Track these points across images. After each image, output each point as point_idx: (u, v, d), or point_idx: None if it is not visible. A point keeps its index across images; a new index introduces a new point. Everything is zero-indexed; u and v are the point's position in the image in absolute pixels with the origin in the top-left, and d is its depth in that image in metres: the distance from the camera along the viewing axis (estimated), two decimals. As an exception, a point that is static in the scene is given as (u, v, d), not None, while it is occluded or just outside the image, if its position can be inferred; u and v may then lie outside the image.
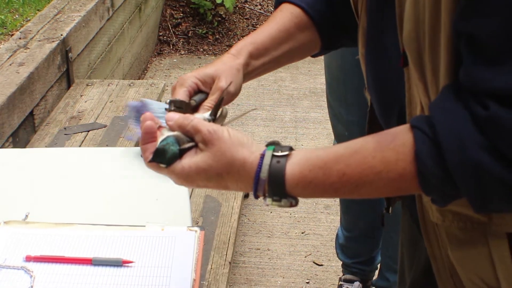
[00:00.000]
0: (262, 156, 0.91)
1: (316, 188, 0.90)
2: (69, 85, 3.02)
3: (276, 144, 0.93)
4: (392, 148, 0.86)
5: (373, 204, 2.33)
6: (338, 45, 1.26)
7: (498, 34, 0.78)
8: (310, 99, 4.17)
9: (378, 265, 2.51)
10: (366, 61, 1.11)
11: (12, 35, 3.10)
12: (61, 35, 2.96)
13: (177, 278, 1.20)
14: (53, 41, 2.89)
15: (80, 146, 2.47)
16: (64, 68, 2.98)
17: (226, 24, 5.09)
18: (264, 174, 0.90)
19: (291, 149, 0.92)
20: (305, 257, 2.83)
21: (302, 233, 2.97)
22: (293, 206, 0.92)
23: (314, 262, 2.81)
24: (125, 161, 1.60)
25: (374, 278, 2.53)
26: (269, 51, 1.16)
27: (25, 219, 1.37)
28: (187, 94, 1.06)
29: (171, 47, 4.92)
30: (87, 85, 3.03)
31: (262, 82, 4.33)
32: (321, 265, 2.79)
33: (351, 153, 0.89)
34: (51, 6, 3.30)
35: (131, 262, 1.23)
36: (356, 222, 2.44)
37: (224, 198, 2.37)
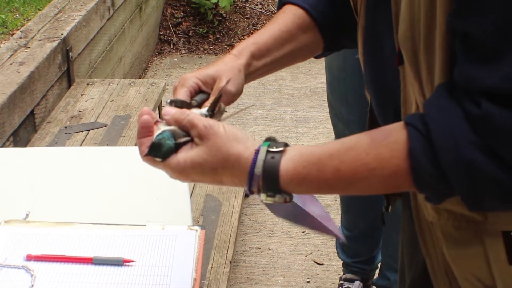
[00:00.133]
0: (257, 152, 0.91)
1: (310, 184, 0.90)
2: (70, 85, 3.02)
3: (272, 140, 0.93)
4: (386, 145, 0.87)
5: (373, 204, 2.33)
6: (340, 46, 1.26)
7: (493, 33, 0.78)
8: (311, 99, 4.17)
9: (379, 264, 2.51)
10: (365, 60, 1.11)
11: (13, 35, 3.10)
12: (62, 35, 2.96)
13: (178, 277, 1.20)
14: (54, 41, 2.90)
15: (81, 146, 2.47)
16: (65, 68, 2.98)
17: (227, 24, 5.09)
18: (259, 170, 0.90)
19: (286, 145, 0.92)
20: (306, 256, 2.83)
21: (303, 232, 2.97)
22: (287, 202, 0.92)
23: (315, 261, 2.81)
24: (126, 161, 1.60)
25: (375, 277, 2.53)
26: (271, 52, 1.16)
27: (26, 219, 1.37)
28: (188, 94, 1.06)
29: (172, 47, 4.92)
30: (88, 85, 3.03)
31: (263, 82, 4.33)
32: (322, 264, 2.79)
33: (346, 150, 0.89)
34: (52, 6, 3.30)
35: (132, 261, 1.23)
36: (356, 222, 2.44)
37: (225, 197, 2.37)
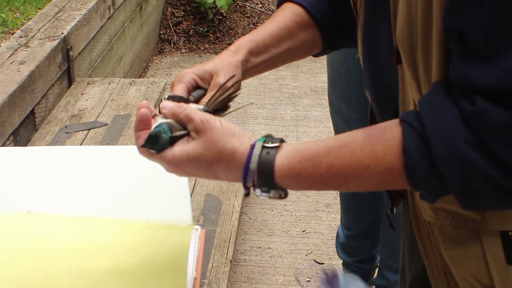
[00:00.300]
0: (252, 147, 0.91)
1: (305, 180, 0.90)
2: (70, 84, 3.02)
3: (269, 137, 0.93)
4: (381, 142, 0.87)
5: (373, 203, 2.33)
6: (340, 45, 1.26)
7: (487, 31, 0.78)
8: (311, 98, 4.17)
9: (378, 264, 2.51)
10: (364, 60, 1.11)
11: (13, 34, 3.10)
12: (62, 34, 2.96)
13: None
14: (54, 40, 2.89)
15: (81, 145, 2.47)
16: (65, 67, 2.98)
17: (227, 23, 5.09)
18: (254, 165, 0.90)
19: (282, 141, 0.92)
20: (306, 256, 2.83)
21: (303, 232, 2.97)
22: (282, 198, 0.92)
23: (315, 261, 2.81)
24: (126, 160, 1.60)
25: (374, 277, 2.53)
26: (269, 49, 1.16)
27: (26, 218, 1.37)
28: (186, 90, 1.06)
29: (172, 46, 4.91)
30: (88, 84, 3.03)
31: (263, 81, 4.33)
32: (322, 264, 2.79)
33: (341, 146, 0.89)
34: (52, 5, 3.30)
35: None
36: (356, 221, 2.44)
37: (225, 197, 2.36)
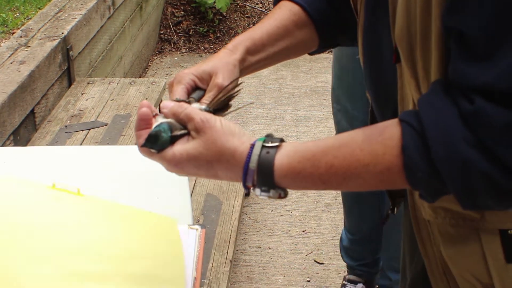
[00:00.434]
0: (252, 146, 0.91)
1: (305, 180, 0.90)
2: (70, 84, 3.02)
3: (269, 136, 0.93)
4: (380, 142, 0.87)
5: (376, 207, 2.32)
6: (335, 44, 1.26)
7: (486, 30, 0.78)
8: (311, 98, 4.17)
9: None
10: (364, 60, 1.11)
11: (13, 34, 3.10)
12: (62, 34, 2.96)
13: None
14: (54, 40, 2.90)
15: (81, 145, 2.47)
16: (65, 67, 2.98)
17: (227, 23, 5.09)
18: (253, 164, 0.90)
19: (282, 141, 0.92)
20: (306, 256, 2.83)
21: (303, 232, 2.97)
22: (282, 198, 0.92)
23: (315, 261, 2.81)
24: (126, 160, 1.60)
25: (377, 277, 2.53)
26: (266, 47, 1.16)
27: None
28: (185, 91, 1.07)
29: (172, 46, 4.92)
30: (88, 84, 3.03)
31: (263, 81, 4.33)
32: (322, 264, 2.79)
33: (340, 145, 0.89)
34: (52, 5, 3.30)
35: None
36: (359, 225, 2.43)
37: (225, 197, 2.37)
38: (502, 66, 0.77)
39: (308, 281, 2.70)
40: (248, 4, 5.31)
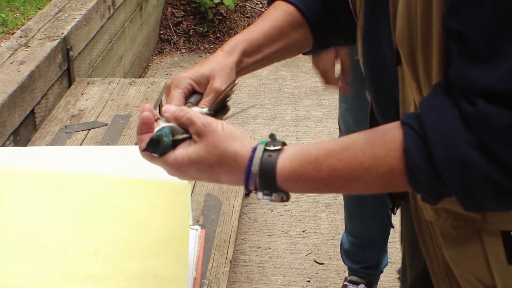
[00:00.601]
0: (254, 150, 0.91)
1: (307, 183, 0.90)
2: (70, 84, 3.02)
3: (271, 139, 0.93)
4: (382, 144, 0.87)
5: (377, 210, 2.32)
6: (330, 44, 1.26)
7: (486, 32, 0.78)
8: (311, 98, 4.17)
9: (384, 269, 2.51)
10: (364, 61, 1.11)
11: (13, 34, 3.10)
12: (62, 34, 2.96)
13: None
14: (54, 40, 2.90)
15: (81, 145, 2.47)
16: (65, 67, 2.98)
17: (227, 23, 5.09)
18: (255, 168, 0.90)
19: (284, 144, 0.92)
20: (306, 256, 2.83)
21: (303, 232, 2.97)
22: (284, 201, 0.92)
23: (315, 261, 2.81)
24: (126, 160, 1.60)
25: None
26: (262, 49, 1.16)
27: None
28: (183, 95, 1.06)
29: (172, 46, 4.92)
30: (88, 84, 3.03)
31: (263, 81, 4.33)
32: (322, 264, 2.79)
33: (342, 148, 0.89)
34: (52, 5, 3.30)
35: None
36: (361, 229, 2.42)
37: (225, 197, 2.37)
38: (503, 68, 0.77)
39: (308, 281, 2.70)
40: (248, 4, 5.31)
